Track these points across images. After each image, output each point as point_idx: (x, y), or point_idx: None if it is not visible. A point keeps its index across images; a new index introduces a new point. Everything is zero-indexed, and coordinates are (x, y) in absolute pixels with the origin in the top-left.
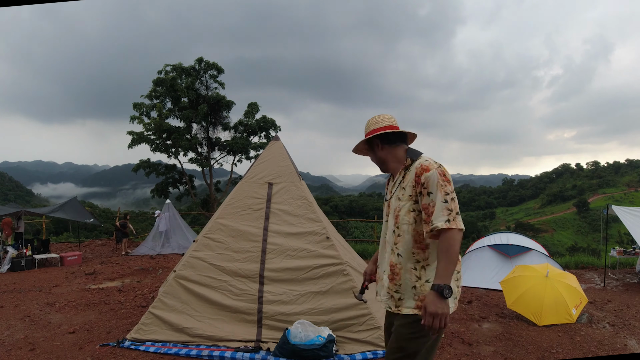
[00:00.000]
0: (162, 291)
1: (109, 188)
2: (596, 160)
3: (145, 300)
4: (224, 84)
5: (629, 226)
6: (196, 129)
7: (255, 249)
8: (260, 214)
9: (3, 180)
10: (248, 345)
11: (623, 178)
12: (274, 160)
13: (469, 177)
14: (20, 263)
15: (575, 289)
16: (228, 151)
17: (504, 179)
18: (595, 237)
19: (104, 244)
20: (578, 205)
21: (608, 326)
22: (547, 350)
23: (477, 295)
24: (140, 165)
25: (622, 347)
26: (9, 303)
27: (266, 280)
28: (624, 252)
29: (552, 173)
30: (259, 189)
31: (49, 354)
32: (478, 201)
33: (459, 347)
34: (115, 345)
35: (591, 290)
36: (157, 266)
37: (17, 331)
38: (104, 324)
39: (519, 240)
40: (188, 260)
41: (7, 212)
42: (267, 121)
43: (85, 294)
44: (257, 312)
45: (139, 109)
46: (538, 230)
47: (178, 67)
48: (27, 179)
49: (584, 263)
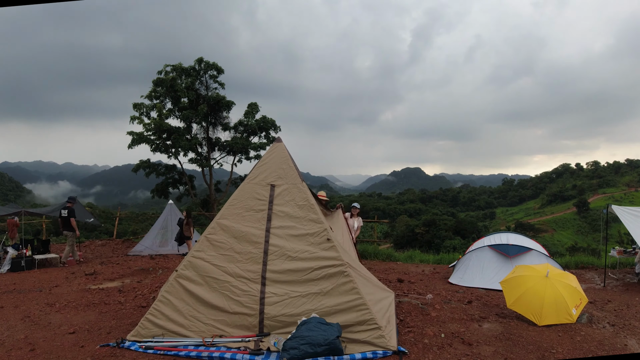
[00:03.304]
0: (163, 291)
1: (109, 188)
2: (596, 160)
3: (145, 300)
4: (224, 84)
5: (629, 226)
6: (196, 129)
7: (257, 250)
8: (262, 216)
9: (3, 180)
10: (248, 346)
11: (623, 178)
12: (276, 162)
13: (469, 177)
14: (20, 263)
15: (575, 289)
16: (228, 151)
17: (504, 179)
18: (595, 237)
19: (104, 244)
20: (578, 205)
21: (608, 326)
22: (547, 350)
23: (477, 295)
24: (140, 165)
25: (622, 347)
26: (9, 303)
27: (268, 281)
28: (624, 252)
29: (552, 173)
30: (261, 191)
31: (49, 354)
32: (478, 201)
33: (459, 347)
34: (115, 346)
35: (591, 290)
36: (157, 266)
37: (17, 331)
38: (104, 324)
39: (519, 240)
40: (190, 260)
41: (7, 212)
42: (267, 121)
43: (86, 295)
44: (258, 313)
45: (139, 109)
46: (538, 230)
47: (178, 68)
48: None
49: (584, 263)
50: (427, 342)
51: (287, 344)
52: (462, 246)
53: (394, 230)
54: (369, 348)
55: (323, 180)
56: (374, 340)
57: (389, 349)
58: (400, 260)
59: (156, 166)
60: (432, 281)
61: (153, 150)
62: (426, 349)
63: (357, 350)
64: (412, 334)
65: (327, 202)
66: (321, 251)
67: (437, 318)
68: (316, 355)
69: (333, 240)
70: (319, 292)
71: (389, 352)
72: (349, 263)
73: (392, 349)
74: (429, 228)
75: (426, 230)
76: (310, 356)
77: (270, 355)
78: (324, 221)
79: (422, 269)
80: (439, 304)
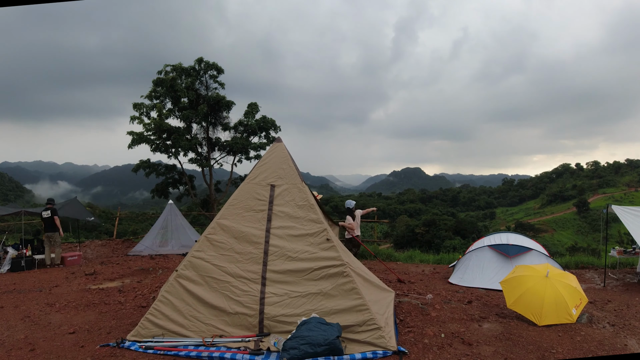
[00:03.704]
0: (163, 291)
1: (109, 188)
2: (596, 160)
3: (145, 300)
4: (224, 84)
5: (629, 226)
6: (196, 129)
7: (257, 251)
8: (262, 216)
9: (3, 180)
10: (248, 346)
11: (623, 178)
12: (276, 162)
13: (469, 177)
14: (20, 263)
15: (575, 288)
16: (228, 151)
17: (504, 179)
18: (595, 237)
19: (104, 244)
20: (578, 205)
21: (608, 326)
22: (547, 350)
23: (477, 295)
24: (140, 165)
25: (622, 347)
26: (9, 303)
27: (268, 281)
28: (624, 252)
29: (552, 173)
30: (261, 191)
31: (49, 354)
32: (478, 201)
33: (459, 347)
34: (115, 346)
35: (591, 290)
36: (157, 266)
37: (17, 331)
38: (104, 324)
39: (519, 240)
40: (190, 260)
41: (7, 212)
42: (267, 121)
43: (86, 295)
44: (258, 313)
45: (139, 109)
46: (538, 230)
47: (178, 68)
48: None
49: (584, 263)
50: (427, 342)
51: (287, 344)
52: (462, 246)
53: (394, 230)
54: (369, 348)
55: (323, 180)
56: (374, 340)
57: (389, 349)
58: (400, 260)
59: (156, 166)
60: (432, 281)
61: (153, 150)
62: (426, 349)
63: (357, 350)
64: (412, 334)
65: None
66: (321, 251)
67: (437, 318)
68: (316, 355)
69: (333, 240)
70: (318, 292)
71: (389, 352)
72: (348, 263)
73: (392, 349)
74: (429, 228)
75: (426, 230)
76: (310, 356)
77: (270, 355)
78: (323, 221)
79: (422, 269)
80: (439, 304)
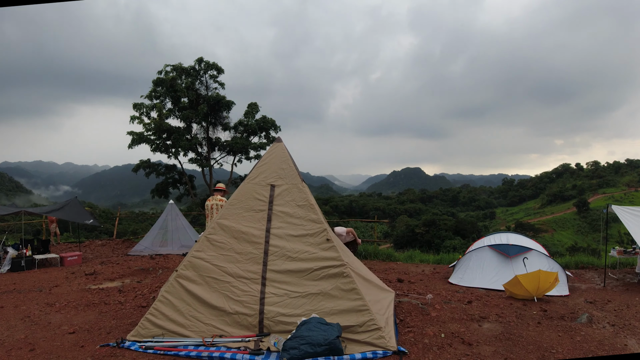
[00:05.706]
0: (163, 291)
1: (109, 188)
2: (596, 160)
3: (145, 300)
4: (224, 84)
5: (629, 226)
6: (196, 129)
7: (257, 251)
8: (262, 216)
9: (3, 180)
10: (248, 346)
11: (623, 178)
12: (276, 162)
13: (469, 177)
14: (20, 263)
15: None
16: (228, 151)
17: (504, 179)
18: (595, 237)
19: (104, 244)
20: (578, 205)
21: (608, 326)
22: (547, 350)
23: (477, 295)
24: (141, 165)
25: (622, 347)
26: (9, 303)
27: (268, 281)
28: (624, 252)
29: (552, 173)
30: (261, 191)
31: (49, 354)
32: (478, 201)
33: (459, 347)
34: (115, 346)
35: (591, 290)
36: (157, 266)
37: (17, 331)
38: (104, 324)
39: (519, 240)
40: (190, 260)
41: (8, 212)
42: (267, 121)
43: (86, 294)
44: (258, 313)
45: (139, 109)
46: (538, 230)
47: (178, 68)
48: (26, 180)
49: (584, 263)
50: (427, 342)
51: (287, 344)
52: (462, 246)
53: (394, 230)
54: (369, 348)
55: (323, 180)
56: (374, 340)
57: (389, 349)
58: (400, 260)
59: (156, 166)
60: (432, 281)
61: (153, 150)
62: (426, 349)
63: (357, 351)
64: (412, 334)
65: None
66: (321, 251)
67: (437, 318)
68: (316, 355)
69: (333, 240)
70: (319, 292)
71: (389, 352)
72: (348, 263)
73: (392, 349)
74: (429, 228)
75: (426, 230)
76: (310, 356)
77: (270, 355)
78: (323, 221)
79: (422, 269)
80: (439, 304)
